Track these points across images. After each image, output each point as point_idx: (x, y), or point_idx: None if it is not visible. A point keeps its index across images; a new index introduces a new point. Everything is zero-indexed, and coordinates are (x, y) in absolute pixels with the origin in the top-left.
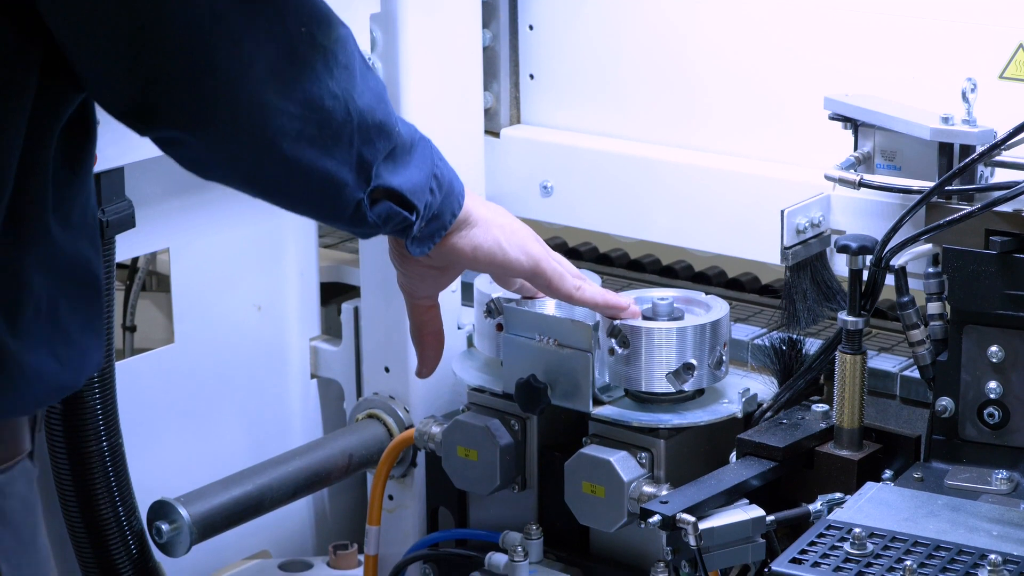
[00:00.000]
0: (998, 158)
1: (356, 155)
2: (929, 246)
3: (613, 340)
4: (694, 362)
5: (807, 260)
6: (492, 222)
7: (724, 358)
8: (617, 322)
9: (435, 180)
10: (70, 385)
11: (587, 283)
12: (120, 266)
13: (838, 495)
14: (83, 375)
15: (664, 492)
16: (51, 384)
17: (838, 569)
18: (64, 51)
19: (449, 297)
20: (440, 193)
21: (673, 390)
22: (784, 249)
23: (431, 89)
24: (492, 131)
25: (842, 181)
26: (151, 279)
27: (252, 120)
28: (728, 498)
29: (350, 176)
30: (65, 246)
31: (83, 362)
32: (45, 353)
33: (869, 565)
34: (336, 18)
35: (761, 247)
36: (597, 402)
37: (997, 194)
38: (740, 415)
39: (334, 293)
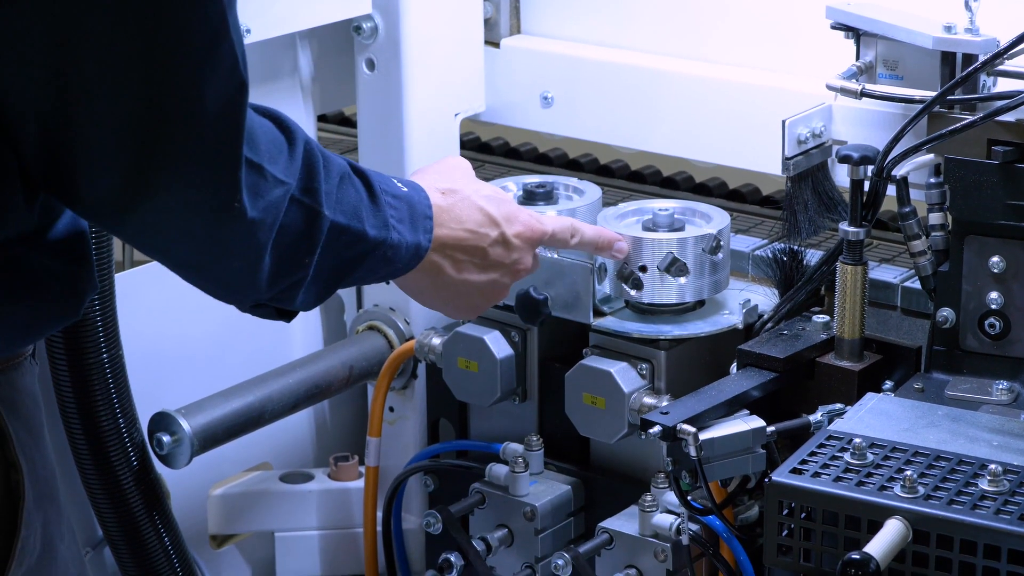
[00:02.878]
0: (1001, 67)
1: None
2: (931, 156)
3: (624, 284)
4: (684, 261)
5: (808, 170)
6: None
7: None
8: (619, 245)
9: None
10: (65, 320)
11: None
12: None
13: (838, 406)
14: (81, 305)
15: (664, 403)
16: (46, 325)
17: (838, 479)
18: None
19: None
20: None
21: (674, 300)
22: (785, 159)
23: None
24: (492, 41)
25: (844, 91)
26: None
27: None
28: (728, 409)
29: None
30: None
31: (75, 290)
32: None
33: (869, 475)
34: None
35: (762, 157)
36: (598, 313)
37: (999, 103)
38: (741, 326)
39: None
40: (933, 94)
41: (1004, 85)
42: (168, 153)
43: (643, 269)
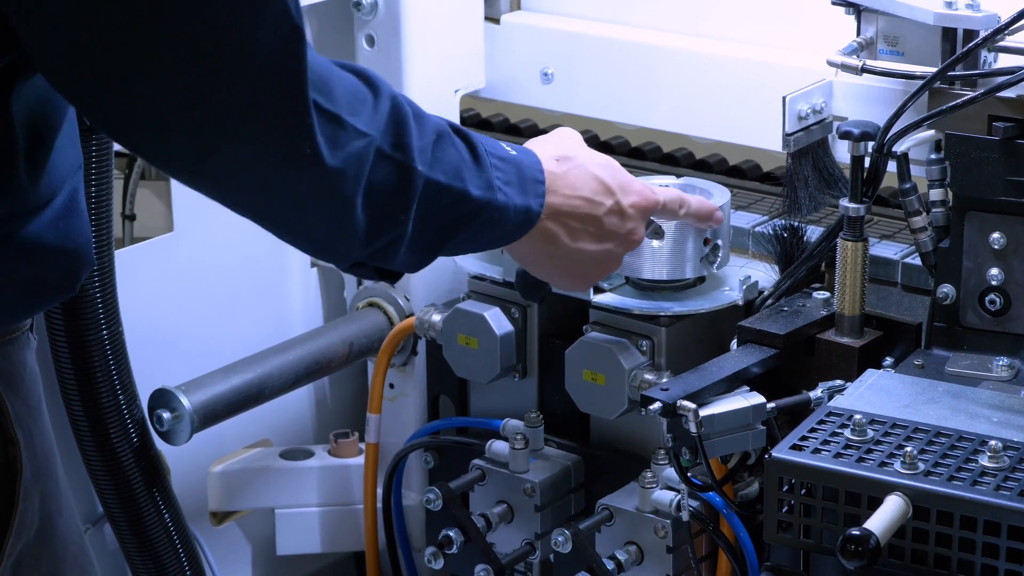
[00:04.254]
0: (1001, 43)
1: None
2: (931, 132)
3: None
4: (719, 243)
5: (809, 147)
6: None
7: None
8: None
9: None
10: (61, 296)
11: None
12: (119, 155)
13: (839, 382)
14: (78, 281)
15: (665, 379)
16: (42, 300)
17: (838, 455)
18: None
19: None
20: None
21: (688, 277)
22: (786, 136)
23: None
24: (492, 17)
25: (844, 67)
26: (150, 168)
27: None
28: (729, 385)
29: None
30: None
31: (74, 265)
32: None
33: (869, 451)
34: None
35: (763, 134)
36: (598, 289)
37: (1000, 79)
38: (741, 302)
39: None
40: (934, 70)
41: (1005, 61)
42: (226, 105)
43: None
